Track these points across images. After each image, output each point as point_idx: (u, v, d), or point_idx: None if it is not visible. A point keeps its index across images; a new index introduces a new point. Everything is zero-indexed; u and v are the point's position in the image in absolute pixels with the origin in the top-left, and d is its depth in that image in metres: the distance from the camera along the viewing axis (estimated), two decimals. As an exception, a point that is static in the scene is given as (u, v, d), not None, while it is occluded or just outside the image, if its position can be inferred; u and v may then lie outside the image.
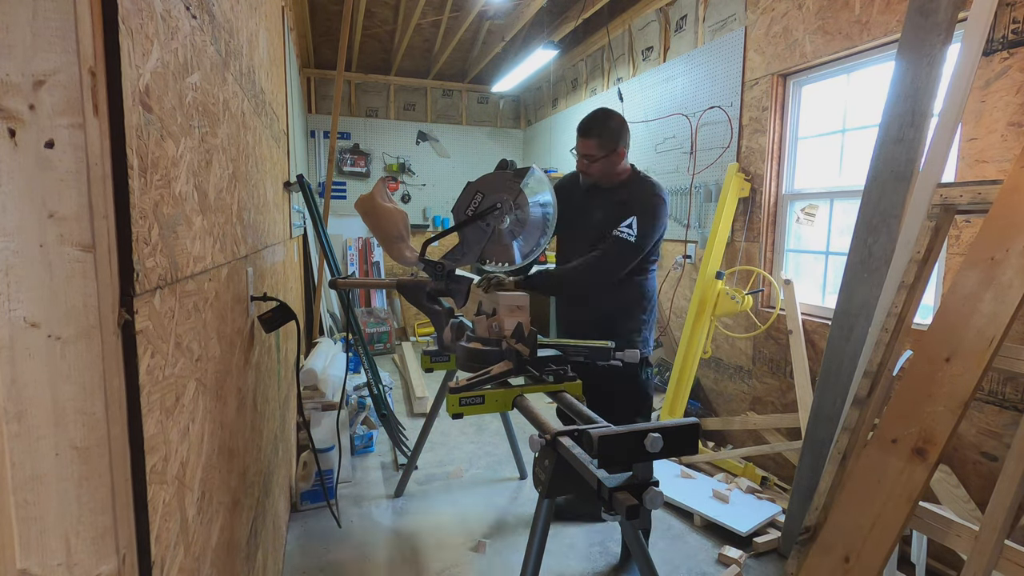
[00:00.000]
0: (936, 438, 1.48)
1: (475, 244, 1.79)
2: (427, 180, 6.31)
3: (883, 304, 1.88)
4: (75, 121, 0.53)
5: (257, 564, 1.44)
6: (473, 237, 1.79)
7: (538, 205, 1.82)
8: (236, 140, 1.28)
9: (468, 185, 1.76)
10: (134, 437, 0.60)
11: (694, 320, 3.10)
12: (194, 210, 0.87)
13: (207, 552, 0.91)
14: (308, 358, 3.14)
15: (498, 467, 3.05)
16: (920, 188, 1.84)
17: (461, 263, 1.84)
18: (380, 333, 5.60)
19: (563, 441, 1.24)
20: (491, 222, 1.76)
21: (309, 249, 4.30)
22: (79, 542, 0.56)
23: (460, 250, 1.82)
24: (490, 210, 1.74)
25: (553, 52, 4.31)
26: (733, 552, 2.19)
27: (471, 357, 1.73)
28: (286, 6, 2.96)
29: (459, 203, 1.77)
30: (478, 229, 1.78)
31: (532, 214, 1.79)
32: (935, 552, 2.07)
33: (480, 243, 1.79)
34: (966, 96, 1.78)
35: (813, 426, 2.17)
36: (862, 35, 2.43)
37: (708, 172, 3.41)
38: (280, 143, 2.52)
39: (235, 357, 1.21)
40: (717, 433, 3.27)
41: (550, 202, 1.86)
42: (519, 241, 1.83)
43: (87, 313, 0.55)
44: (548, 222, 1.87)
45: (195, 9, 0.91)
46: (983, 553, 1.41)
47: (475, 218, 1.74)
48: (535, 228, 1.84)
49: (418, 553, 2.26)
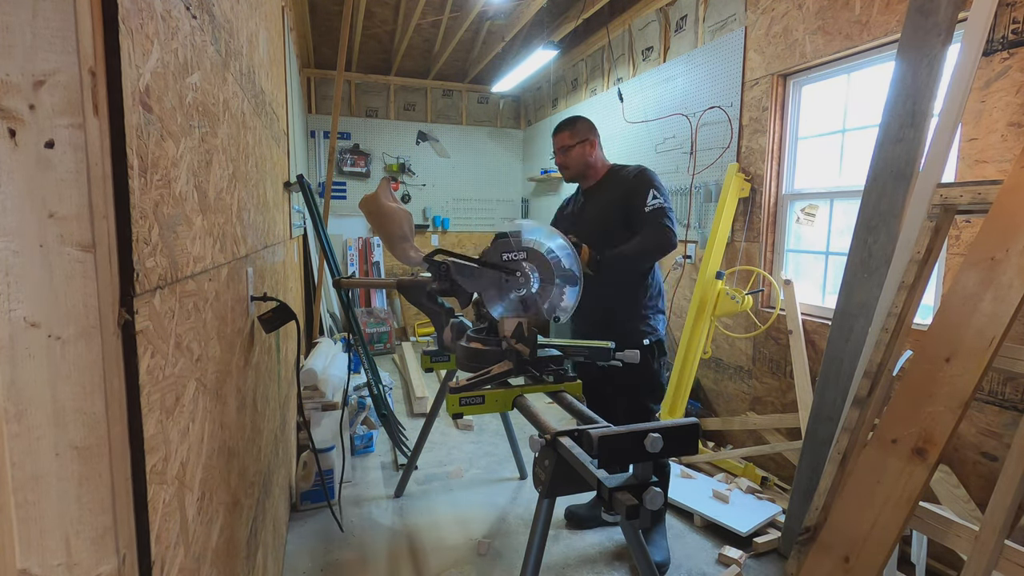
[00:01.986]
0: (936, 438, 1.48)
1: (489, 285, 1.70)
2: (427, 180, 6.31)
3: (883, 304, 1.88)
4: (75, 121, 0.53)
5: (257, 564, 1.44)
6: (489, 279, 1.70)
7: (551, 251, 1.73)
8: (236, 140, 1.28)
9: (513, 236, 1.67)
10: (134, 437, 0.60)
11: (694, 320, 3.10)
12: (194, 210, 0.87)
13: (207, 552, 0.91)
14: (308, 358, 3.14)
15: (498, 467, 3.05)
16: (920, 188, 1.84)
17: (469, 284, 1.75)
18: (380, 333, 5.61)
19: (563, 441, 1.24)
20: (511, 283, 1.67)
21: (309, 249, 4.30)
22: (79, 542, 0.56)
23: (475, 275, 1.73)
24: (513, 271, 1.65)
25: (553, 52, 4.31)
26: (733, 552, 2.19)
27: (471, 357, 1.73)
28: (286, 6, 2.96)
29: (496, 247, 1.67)
30: (498, 277, 1.70)
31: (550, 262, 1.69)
32: (935, 552, 2.07)
33: (491, 288, 1.70)
34: (966, 96, 1.78)
35: (813, 426, 2.17)
36: (862, 35, 2.43)
37: (708, 172, 3.41)
38: (280, 143, 2.52)
39: (235, 357, 1.21)
40: (717, 433, 3.27)
41: (559, 245, 1.78)
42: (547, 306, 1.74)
43: (87, 313, 0.55)
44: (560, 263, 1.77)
45: (195, 9, 0.91)
46: (983, 553, 1.41)
47: (501, 268, 1.66)
48: (549, 276, 1.73)
49: (418, 553, 2.26)
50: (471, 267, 1.69)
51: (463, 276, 1.70)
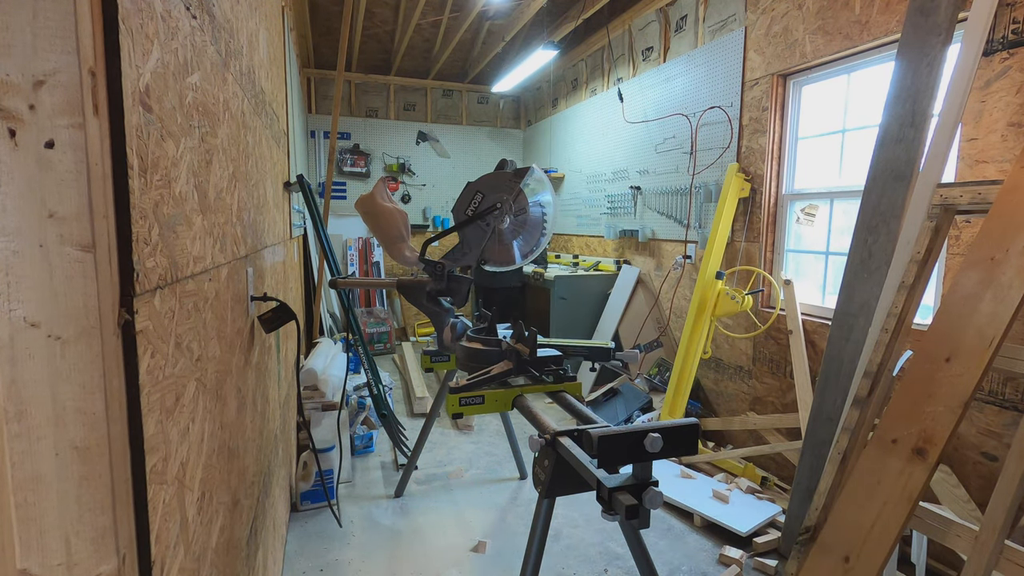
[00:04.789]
0: (936, 438, 1.48)
1: (475, 244, 1.80)
2: (427, 180, 6.31)
3: (883, 304, 1.88)
4: (75, 121, 0.53)
5: (257, 564, 1.44)
6: (473, 237, 1.79)
7: (538, 205, 1.82)
8: (236, 140, 1.28)
9: (468, 185, 1.76)
10: (134, 437, 0.60)
11: (694, 320, 3.10)
12: (194, 210, 0.87)
13: (207, 552, 0.91)
14: (308, 358, 3.14)
15: (498, 467, 3.05)
16: (920, 188, 1.84)
17: (461, 263, 1.84)
18: (380, 333, 5.60)
19: (563, 441, 1.24)
20: (491, 222, 1.76)
21: (309, 249, 4.30)
22: (79, 542, 0.56)
23: (460, 250, 1.82)
24: (490, 210, 1.74)
25: (553, 52, 4.31)
26: (733, 552, 2.19)
27: (471, 357, 1.73)
28: (286, 6, 2.96)
29: (459, 203, 1.77)
30: (478, 229, 1.78)
31: (532, 214, 1.79)
32: (935, 552, 2.07)
33: (480, 243, 1.79)
34: (966, 96, 1.78)
35: (813, 426, 2.17)
36: (862, 35, 2.43)
37: (708, 172, 3.41)
38: (280, 143, 2.52)
39: (235, 357, 1.21)
40: (717, 433, 3.27)
41: (550, 202, 1.87)
42: (519, 241, 1.83)
43: (87, 313, 0.55)
44: (547, 222, 1.87)
45: (195, 9, 0.91)
46: (983, 553, 1.41)
47: (475, 218, 1.75)
48: (535, 228, 1.84)
49: (418, 553, 2.26)
50: (463, 235, 1.78)
51: (463, 247, 1.80)
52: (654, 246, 4.02)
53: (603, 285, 4.35)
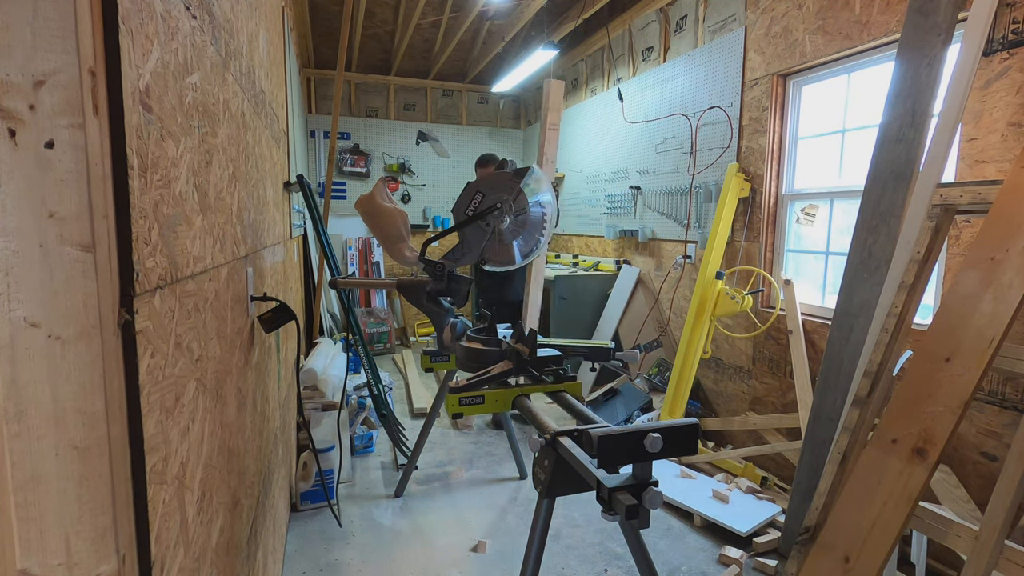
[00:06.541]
0: (936, 438, 1.48)
1: (475, 244, 1.80)
2: (427, 180, 6.31)
3: (883, 304, 1.88)
4: (75, 121, 0.53)
5: (257, 564, 1.44)
6: (473, 237, 1.79)
7: (538, 205, 1.82)
8: (236, 140, 1.28)
9: (468, 185, 1.76)
10: (134, 437, 0.60)
11: (694, 320, 3.10)
12: (194, 210, 0.87)
13: (207, 552, 0.91)
14: (308, 358, 3.14)
15: (498, 467, 3.05)
16: (920, 188, 1.84)
17: (461, 263, 1.84)
18: (380, 333, 5.60)
19: (563, 441, 1.24)
20: (491, 222, 1.76)
21: (309, 249, 4.29)
22: (79, 542, 0.56)
23: (460, 250, 1.82)
24: (490, 210, 1.74)
25: (553, 52, 4.31)
26: (733, 552, 2.19)
27: (471, 357, 1.73)
28: (286, 6, 2.96)
29: (459, 203, 1.77)
30: (478, 229, 1.78)
31: (532, 214, 1.79)
32: (935, 552, 2.07)
33: (480, 243, 1.79)
34: (966, 96, 1.78)
35: (813, 426, 2.17)
36: (862, 35, 2.43)
37: (708, 172, 3.41)
38: (280, 143, 2.52)
39: (235, 357, 1.21)
40: (717, 433, 3.27)
41: (550, 202, 1.86)
42: (519, 241, 1.83)
43: (87, 313, 0.55)
44: (547, 221, 1.87)
45: (195, 9, 0.91)
46: (983, 553, 1.41)
47: (475, 218, 1.75)
48: (535, 228, 1.84)
49: (418, 553, 2.26)
50: (463, 235, 1.78)
51: (463, 247, 1.80)
52: (654, 246, 4.02)
53: (603, 285, 4.35)
